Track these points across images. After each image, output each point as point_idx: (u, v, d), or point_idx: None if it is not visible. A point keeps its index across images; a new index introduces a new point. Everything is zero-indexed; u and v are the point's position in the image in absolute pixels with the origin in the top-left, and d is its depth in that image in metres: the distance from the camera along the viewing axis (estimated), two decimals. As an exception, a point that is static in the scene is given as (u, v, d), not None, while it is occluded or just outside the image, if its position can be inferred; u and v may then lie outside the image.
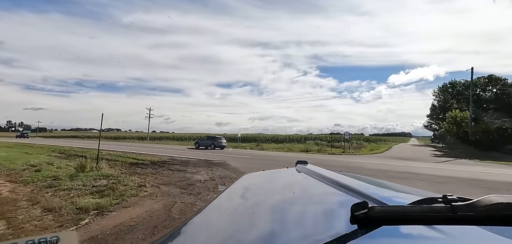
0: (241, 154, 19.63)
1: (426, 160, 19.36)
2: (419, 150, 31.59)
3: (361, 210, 0.50)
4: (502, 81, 35.53)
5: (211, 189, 7.19)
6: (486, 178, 10.26)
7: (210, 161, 13.77)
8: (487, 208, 0.46)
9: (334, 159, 17.89)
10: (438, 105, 48.38)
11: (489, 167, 15.34)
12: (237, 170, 10.97)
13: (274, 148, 27.31)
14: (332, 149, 25.97)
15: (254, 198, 1.18)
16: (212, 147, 26.01)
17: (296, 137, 48.31)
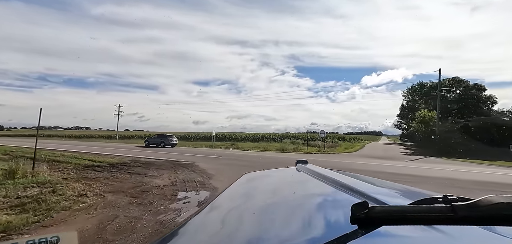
0: (214, 154, 18.58)
1: (398, 158, 19.68)
2: (390, 148, 32.59)
3: (362, 210, 0.49)
4: (465, 83, 37.90)
5: (168, 197, 6.17)
6: (457, 177, 10.27)
7: (178, 163, 12.61)
8: (487, 208, 0.46)
9: (309, 158, 17.47)
10: (407, 105, 50.58)
11: (456, 165, 15.78)
12: (205, 172, 9.99)
13: (250, 147, 26.54)
14: (307, 148, 25.76)
15: (254, 197, 1.20)
16: (162, 145, 25.83)
17: (274, 136, 48.03)
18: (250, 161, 14.27)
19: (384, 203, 0.75)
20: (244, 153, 21.11)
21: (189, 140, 42.11)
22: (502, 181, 9.77)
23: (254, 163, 13.33)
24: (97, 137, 52.48)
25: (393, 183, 1.25)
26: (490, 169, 13.95)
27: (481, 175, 11.28)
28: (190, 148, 26.00)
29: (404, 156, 22.49)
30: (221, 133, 49.52)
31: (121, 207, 5.28)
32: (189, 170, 10.30)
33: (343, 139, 47.58)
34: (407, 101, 50.97)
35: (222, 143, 33.21)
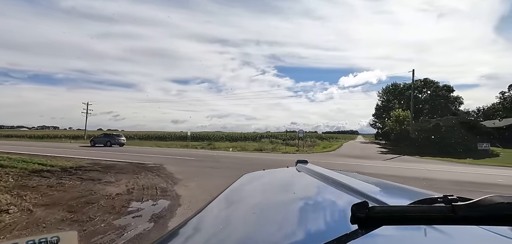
0: (187, 155, 17.41)
1: (375, 157, 19.74)
2: (366, 147, 33.15)
3: (362, 210, 0.49)
4: (435, 84, 39.75)
5: (116, 210, 5.13)
6: (434, 177, 10.13)
7: (143, 166, 11.39)
8: (487, 208, 0.46)
9: (285, 159, 16.89)
10: (382, 105, 52.23)
11: (431, 164, 15.98)
12: (171, 176, 8.95)
13: (227, 147, 25.56)
14: (286, 148, 25.30)
15: (254, 197, 1.20)
16: (108, 144, 25.45)
17: (254, 135, 47.29)
18: (224, 162, 13.35)
19: (384, 203, 0.76)
20: (220, 153, 20.13)
21: (165, 140, 40.16)
22: (479, 180, 9.73)
23: (228, 165, 12.44)
24: (62, 137, 48.55)
25: (393, 183, 1.26)
26: (463, 168, 14.20)
27: (457, 174, 11.29)
28: (163, 148, 24.50)
29: (380, 155, 22.72)
30: (199, 133, 47.93)
31: (49, 226, 4.19)
32: (153, 174, 9.20)
33: (322, 138, 48.00)
34: (382, 101, 52.61)
35: (199, 142, 31.87)
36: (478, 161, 18.55)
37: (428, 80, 40.39)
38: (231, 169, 10.82)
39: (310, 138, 38.21)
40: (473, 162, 18.31)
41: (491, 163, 17.59)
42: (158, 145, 28.54)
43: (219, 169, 10.72)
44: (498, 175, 11.37)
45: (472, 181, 9.49)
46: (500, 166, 15.93)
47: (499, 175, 11.39)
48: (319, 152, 23.42)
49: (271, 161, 14.67)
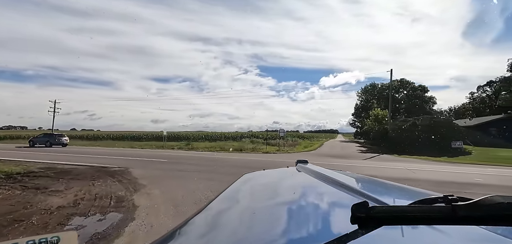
0: (159, 156, 16.21)
1: (355, 157, 19.62)
2: (346, 146, 33.41)
3: (362, 210, 0.49)
4: (411, 85, 41.05)
5: (48, 229, 4.12)
6: (415, 177, 9.88)
7: (105, 170, 10.17)
8: (488, 208, 0.46)
9: (265, 159, 16.22)
10: (361, 104, 53.25)
11: (410, 163, 15.99)
12: (135, 182, 7.91)
13: (206, 148, 24.48)
14: (267, 147, 24.69)
15: (254, 197, 1.20)
16: (48, 144, 24.67)
17: (236, 134, 46.27)
18: (198, 164, 12.39)
19: (384, 203, 0.76)
20: (196, 154, 19.06)
21: (140, 140, 38.14)
22: (459, 180, 9.58)
23: (202, 167, 11.51)
24: (26, 138, 44.68)
25: (393, 183, 1.26)
26: (441, 167, 14.28)
27: (437, 174, 11.18)
28: (135, 149, 22.95)
29: (360, 154, 22.74)
30: (178, 132, 46.06)
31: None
32: (113, 180, 8.09)
33: (303, 137, 48.03)
34: (361, 101, 53.64)
35: (176, 143, 30.40)
36: (453, 159, 18.97)
37: (404, 81, 41.63)
38: (206, 172, 9.92)
39: (291, 138, 37.99)
40: (448, 160, 18.70)
41: (465, 161, 18.02)
42: (131, 146, 26.82)
43: (192, 172, 9.78)
44: (475, 173, 11.40)
45: (453, 181, 9.32)
46: (474, 164, 16.29)
47: (476, 173, 11.43)
48: (300, 152, 23.01)
49: (250, 161, 13.91)
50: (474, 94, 43.76)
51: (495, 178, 10.21)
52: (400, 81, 41.78)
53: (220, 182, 7.94)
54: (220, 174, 9.43)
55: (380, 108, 31.67)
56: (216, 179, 8.36)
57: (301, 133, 77.52)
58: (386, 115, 28.97)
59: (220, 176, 8.96)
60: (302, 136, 51.75)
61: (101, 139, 40.48)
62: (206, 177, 8.61)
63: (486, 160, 18.53)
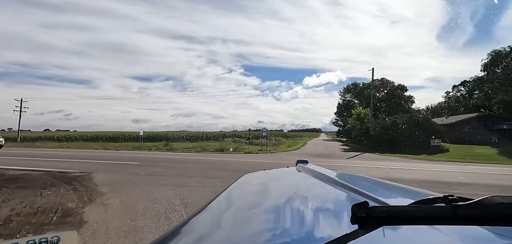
0: (132, 158, 15.03)
1: (339, 156, 19.39)
2: (330, 145, 33.45)
3: (362, 210, 0.49)
4: (391, 84, 41.99)
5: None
6: (400, 177, 9.57)
7: (64, 175, 9.01)
8: (488, 208, 0.46)
9: (245, 160, 15.50)
10: (343, 103, 54.01)
11: (392, 161, 15.89)
12: (94, 189, 6.91)
13: (185, 148, 23.37)
14: (249, 147, 23.98)
15: (254, 197, 1.20)
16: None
17: (219, 134, 45.11)
18: (174, 167, 11.44)
19: (385, 203, 0.76)
20: (174, 156, 17.98)
21: (117, 141, 36.11)
22: (443, 179, 9.37)
23: (179, 170, 10.58)
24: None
25: (393, 183, 1.26)
26: (423, 165, 14.26)
27: (420, 173, 10.99)
28: (108, 151, 21.43)
29: (343, 152, 22.61)
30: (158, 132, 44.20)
31: None
32: (68, 188, 7.03)
33: (287, 137, 47.84)
34: (343, 100, 54.41)
35: (155, 143, 28.94)
36: (432, 157, 19.21)
37: (385, 80, 42.53)
38: (179, 176, 9.04)
39: (275, 137, 37.53)
40: (428, 158, 18.91)
41: (444, 159, 18.29)
42: (105, 147, 25.12)
43: (164, 176, 8.86)
44: (457, 172, 11.33)
45: (437, 180, 9.08)
46: (453, 162, 16.51)
47: (458, 172, 11.37)
48: (283, 151, 22.51)
49: (229, 163, 13.14)
50: (450, 94, 45.57)
51: (477, 176, 10.12)
52: (381, 80, 42.59)
53: (192, 188, 7.12)
54: (195, 178, 8.58)
55: (362, 107, 31.91)
56: (189, 184, 7.52)
57: (285, 132, 77.75)
58: (368, 114, 29.20)
59: (194, 180, 8.13)
60: (286, 135, 51.58)
61: (75, 140, 37.93)
62: (178, 183, 7.75)
63: (463, 157, 18.94)
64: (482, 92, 34.08)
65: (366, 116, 29.65)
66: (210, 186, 7.34)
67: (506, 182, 9.11)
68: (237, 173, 8.28)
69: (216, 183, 7.73)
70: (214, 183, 7.73)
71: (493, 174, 10.89)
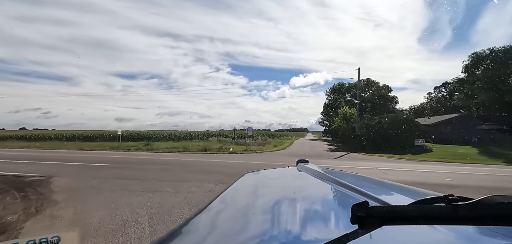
0: (105, 160, 13.95)
1: (325, 156, 19.06)
2: (316, 145, 33.31)
3: (362, 210, 0.49)
4: (376, 84, 42.50)
5: None
6: (387, 178, 9.20)
7: (20, 179, 7.96)
8: (488, 208, 0.46)
9: (229, 161, 14.79)
10: (329, 103, 54.25)
11: (378, 162, 15.69)
12: (48, 196, 6.01)
13: (167, 148, 22.29)
14: (234, 147, 23.25)
15: (254, 197, 1.20)
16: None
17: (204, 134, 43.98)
18: (147, 169, 10.55)
19: (385, 203, 0.77)
20: (152, 157, 16.98)
21: (95, 140, 34.30)
22: (431, 181, 9.08)
23: (154, 174, 9.73)
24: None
25: (393, 183, 1.27)
26: (409, 165, 14.10)
27: (407, 173, 10.71)
28: (83, 152, 20.07)
29: (329, 152, 22.36)
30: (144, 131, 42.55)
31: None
32: (18, 196, 6.07)
33: (273, 136, 47.45)
34: (329, 100, 54.64)
35: (135, 143, 27.57)
36: (417, 157, 19.26)
37: (370, 80, 43.02)
38: (152, 180, 8.22)
39: (261, 137, 36.99)
40: (413, 158, 18.93)
41: (429, 159, 18.35)
42: (80, 147, 23.59)
43: (135, 180, 8.02)
44: (444, 172, 11.16)
45: (425, 182, 8.76)
46: (438, 162, 16.53)
47: (445, 172, 11.19)
48: (269, 151, 21.96)
49: (209, 164, 12.38)
50: (431, 95, 46.77)
51: (463, 178, 9.94)
52: (367, 80, 43.01)
53: (164, 194, 6.36)
54: (169, 182, 7.80)
55: (348, 107, 31.93)
56: (161, 190, 6.74)
57: (272, 131, 77.64)
58: (353, 114, 29.21)
59: (168, 185, 7.35)
60: (273, 135, 51.19)
61: (50, 139, 35.65)
62: (150, 188, 6.95)
63: (447, 157, 19.11)
64: (462, 93, 35.06)
65: (352, 116, 29.65)
66: (185, 191, 6.60)
67: (494, 183, 8.94)
68: (217, 176, 7.53)
69: (192, 188, 6.99)
70: (190, 188, 6.98)
71: (479, 175, 10.79)
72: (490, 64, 29.79)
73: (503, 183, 9.13)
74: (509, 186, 8.80)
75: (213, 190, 6.82)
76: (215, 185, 7.43)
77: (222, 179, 8.08)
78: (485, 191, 7.80)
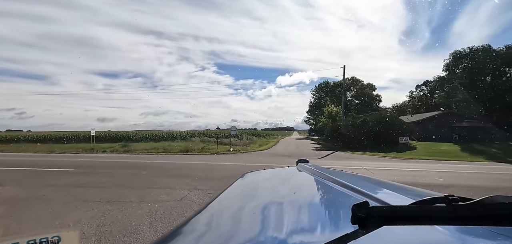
0: (71, 164, 12.67)
1: (311, 155, 18.56)
2: (301, 144, 32.97)
3: (362, 210, 0.49)
4: (361, 82, 42.86)
5: None
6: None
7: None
8: (489, 208, 0.46)
9: (209, 163, 13.92)
10: (315, 102, 54.31)
11: (365, 161, 15.35)
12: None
13: (146, 149, 20.97)
14: (218, 147, 22.31)
15: (254, 197, 1.20)
16: None
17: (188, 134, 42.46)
18: (114, 175, 9.50)
19: (385, 203, 0.76)
20: (126, 159, 15.78)
21: (70, 142, 32.15)
22: (421, 182, 8.63)
23: (122, 180, 8.71)
24: None
25: (393, 183, 1.24)
26: (395, 164, 13.80)
27: (395, 173, 10.29)
28: (50, 155, 18.45)
29: (315, 151, 21.95)
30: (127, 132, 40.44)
31: None
32: None
33: (260, 135, 46.82)
34: (315, 98, 54.70)
35: (113, 144, 25.94)
36: (402, 155, 19.18)
37: (355, 79, 43.35)
38: (116, 187, 7.25)
39: (246, 136, 36.19)
40: (398, 156, 18.82)
41: (414, 156, 18.28)
42: (50, 150, 21.80)
43: (98, 188, 7.01)
44: (432, 171, 10.85)
45: (415, 182, 8.32)
46: (424, 160, 16.42)
47: (433, 171, 10.89)
48: (253, 151, 21.21)
49: (187, 166, 11.46)
50: (413, 93, 47.83)
51: (452, 176, 9.64)
52: (351, 79, 43.26)
53: (126, 205, 5.43)
54: (135, 189, 6.85)
55: (333, 105, 31.77)
56: (124, 199, 5.81)
57: (259, 130, 77.22)
58: (339, 112, 29.04)
59: (132, 193, 6.41)
60: (259, 134, 50.59)
61: (19, 141, 33.08)
62: (111, 197, 5.99)
63: (431, 154, 19.16)
64: (443, 91, 35.90)
65: (337, 114, 29.48)
66: (151, 201, 5.70)
67: (483, 183, 8.64)
68: (193, 181, 6.12)
69: (160, 196, 6.09)
70: (158, 196, 6.08)
71: (467, 173, 10.56)
72: (469, 63, 30.56)
73: (497, 183, 8.86)
74: (503, 185, 8.53)
75: (186, 198, 5.97)
76: (189, 191, 6.57)
77: (197, 185, 7.23)
78: (479, 192, 7.44)
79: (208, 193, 6.46)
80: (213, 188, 6.90)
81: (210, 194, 6.40)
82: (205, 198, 6.08)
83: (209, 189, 6.85)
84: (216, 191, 6.55)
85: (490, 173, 10.86)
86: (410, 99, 47.59)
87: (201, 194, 6.37)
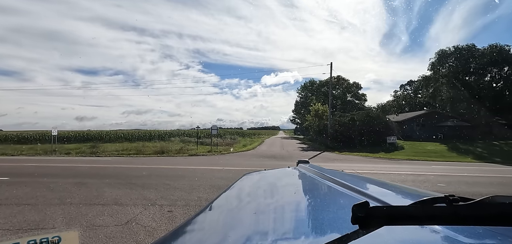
0: (9, 171, 10.72)
1: (296, 157, 17.36)
2: (287, 143, 31.94)
3: (362, 210, 0.48)
4: (346, 81, 42.45)
5: None
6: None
7: None
8: (489, 208, 0.46)
9: (179, 167, 12.35)
10: (301, 101, 53.60)
11: (353, 162, 14.37)
12: None
13: (116, 151, 18.94)
14: (198, 148, 20.65)
15: (254, 197, 1.20)
16: None
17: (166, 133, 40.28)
18: (56, 189, 7.76)
19: (385, 203, 0.77)
20: (87, 163, 13.86)
21: (39, 142, 29.15)
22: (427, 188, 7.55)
23: (54, 194, 7.03)
24: None
25: (394, 183, 1.24)
26: (388, 166, 12.87)
27: (390, 177, 9.24)
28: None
29: (302, 152, 20.88)
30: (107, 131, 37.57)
31: None
32: None
33: (245, 135, 45.41)
34: (301, 97, 54.00)
35: (81, 144, 23.54)
36: (391, 155, 18.48)
37: (340, 78, 42.85)
38: (53, 205, 5.62)
39: (230, 136, 34.63)
40: (387, 156, 18.09)
41: (403, 157, 17.59)
42: (4, 152, 19.23)
43: (24, 206, 5.35)
44: (429, 174, 9.91)
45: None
46: (414, 161, 15.72)
47: (430, 174, 9.95)
48: (236, 152, 19.77)
49: (155, 172, 9.87)
50: (398, 93, 48.16)
51: (455, 181, 8.69)
52: (337, 78, 42.74)
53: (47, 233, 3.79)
54: (71, 205, 5.23)
55: (320, 103, 30.90)
56: (47, 224, 4.23)
57: (244, 130, 75.96)
58: (326, 110, 28.16)
59: (64, 212, 4.82)
60: (244, 133, 49.23)
61: (16, 140, 29.62)
62: (30, 220, 4.38)
63: (419, 154, 18.57)
64: (428, 90, 36.04)
65: (324, 113, 28.59)
66: (85, 225, 4.13)
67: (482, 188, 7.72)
68: (152, 193, 4.98)
69: (99, 218, 4.50)
70: (95, 218, 4.49)
71: (469, 177, 9.69)
72: (454, 62, 30.64)
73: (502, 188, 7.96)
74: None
75: (133, 221, 4.43)
76: (142, 209, 5.04)
77: (157, 199, 5.71)
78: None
79: (167, 211, 4.96)
80: (175, 204, 5.40)
81: (170, 212, 4.91)
82: (162, 219, 4.58)
83: (170, 204, 5.35)
84: (179, 207, 4.89)
85: (491, 175, 10.07)
86: (395, 99, 47.89)
87: (157, 213, 4.86)
